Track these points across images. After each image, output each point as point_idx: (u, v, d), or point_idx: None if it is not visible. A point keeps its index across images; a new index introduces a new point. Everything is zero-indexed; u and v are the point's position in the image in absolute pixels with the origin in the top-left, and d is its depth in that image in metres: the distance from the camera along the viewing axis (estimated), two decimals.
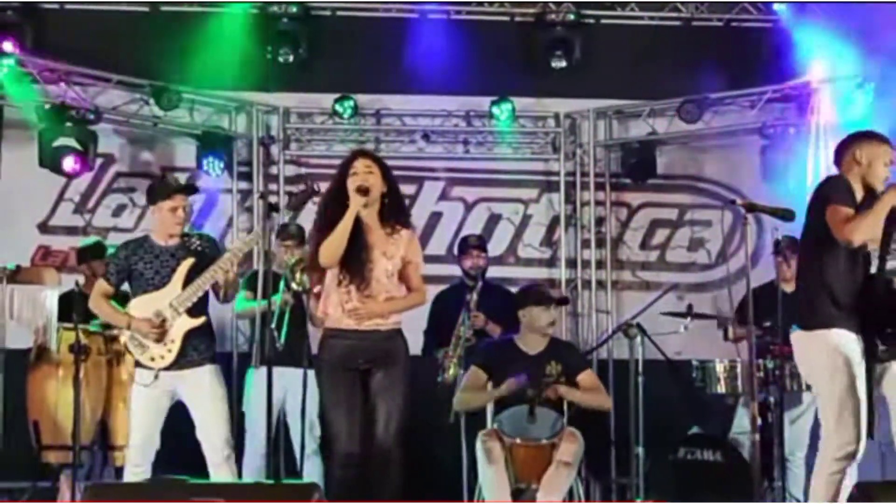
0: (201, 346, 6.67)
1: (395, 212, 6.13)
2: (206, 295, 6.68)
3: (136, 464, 6.58)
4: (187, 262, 6.66)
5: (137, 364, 6.68)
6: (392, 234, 6.09)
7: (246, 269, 8.39)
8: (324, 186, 6.39)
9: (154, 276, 6.68)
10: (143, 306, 6.65)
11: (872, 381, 6.71)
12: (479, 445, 7.24)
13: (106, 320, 7.02)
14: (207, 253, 6.75)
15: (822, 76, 9.83)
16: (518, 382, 7.31)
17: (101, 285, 6.81)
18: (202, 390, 6.58)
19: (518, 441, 7.17)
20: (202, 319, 6.66)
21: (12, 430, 7.61)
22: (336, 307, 6.02)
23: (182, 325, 6.58)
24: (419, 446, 7.86)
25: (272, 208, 6.04)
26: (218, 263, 6.57)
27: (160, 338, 6.55)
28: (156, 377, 6.58)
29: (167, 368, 6.59)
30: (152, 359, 6.60)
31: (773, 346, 7.71)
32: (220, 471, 6.47)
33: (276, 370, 6.85)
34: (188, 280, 6.61)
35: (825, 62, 9.93)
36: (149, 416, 6.62)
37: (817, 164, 9.46)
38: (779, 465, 7.86)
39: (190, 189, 7.04)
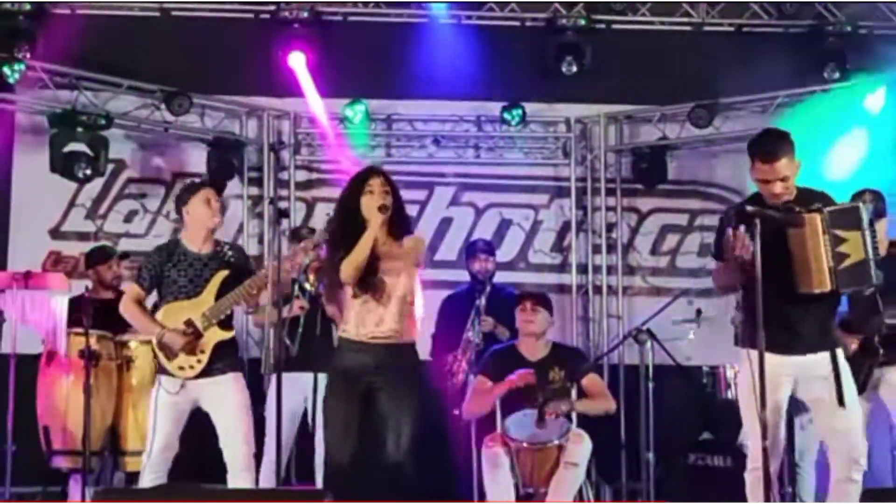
0: (227, 357, 6.58)
1: (402, 226, 6.15)
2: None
3: (154, 470, 6.51)
4: (221, 274, 6.57)
5: (162, 370, 6.57)
6: (397, 241, 6.10)
7: None
8: (332, 192, 6.39)
9: (187, 285, 6.58)
10: (173, 314, 6.56)
11: (868, 384, 6.72)
12: (484, 451, 7.27)
13: (138, 327, 6.87)
14: (239, 265, 6.69)
15: (834, 79, 9.82)
16: (520, 377, 7.33)
17: (134, 290, 6.69)
18: (225, 399, 6.50)
19: (525, 444, 7.17)
20: (232, 332, 6.60)
21: (23, 434, 7.64)
22: (351, 319, 6.02)
23: (212, 336, 6.50)
24: (429, 451, 7.89)
25: (282, 214, 6.03)
26: (255, 280, 6.49)
27: (192, 349, 6.48)
28: (182, 386, 6.50)
29: (193, 378, 6.52)
30: (181, 368, 6.50)
31: None
32: (239, 480, 6.37)
33: (294, 375, 6.86)
34: (221, 291, 6.53)
35: (837, 65, 9.94)
36: (170, 424, 6.54)
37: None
38: (789, 471, 7.82)
39: (217, 184, 6.99)
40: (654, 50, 10.48)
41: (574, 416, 7.45)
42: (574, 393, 7.51)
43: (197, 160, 10.28)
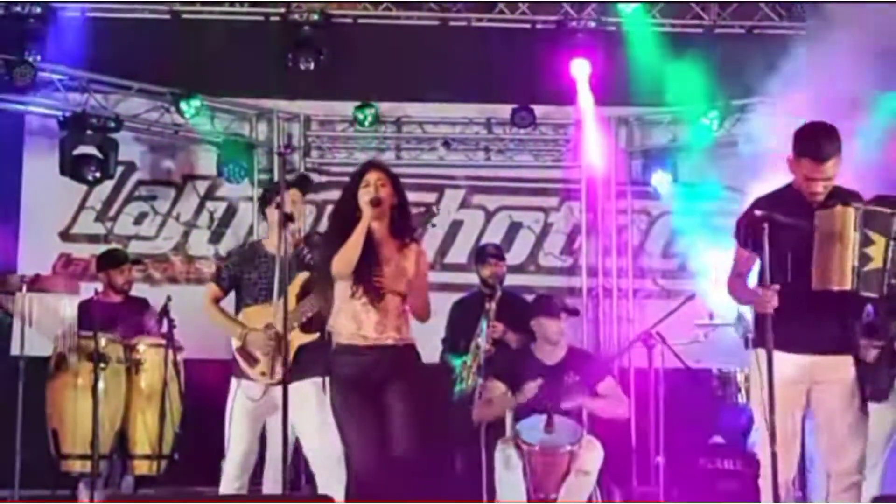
0: (311, 361, 6.28)
1: (404, 225, 6.01)
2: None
3: (237, 476, 6.40)
4: (302, 276, 6.37)
5: (241, 374, 6.41)
6: (403, 248, 5.97)
7: None
8: None
9: (267, 287, 6.38)
10: (254, 317, 6.40)
11: (892, 390, 6.59)
12: (497, 453, 7.22)
13: (219, 328, 6.65)
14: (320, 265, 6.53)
15: (843, 82, 9.75)
16: (534, 388, 7.29)
17: (213, 290, 6.55)
18: (307, 404, 6.24)
19: (537, 449, 7.14)
20: (316, 335, 6.36)
21: (32, 438, 7.63)
22: (348, 321, 5.94)
23: (294, 340, 6.28)
24: (438, 455, 7.88)
25: (288, 218, 5.97)
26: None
27: (274, 353, 6.28)
28: (264, 392, 6.33)
29: (276, 383, 6.25)
30: (262, 373, 6.35)
31: None
32: (330, 488, 6.11)
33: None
34: (302, 294, 6.35)
35: (845, 68, 9.86)
36: (251, 429, 6.41)
37: None
38: (799, 476, 7.78)
39: (303, 182, 6.87)
40: (664, 52, 10.43)
41: (585, 418, 7.41)
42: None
43: (207, 162, 10.30)
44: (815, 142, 5.44)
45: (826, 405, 5.55)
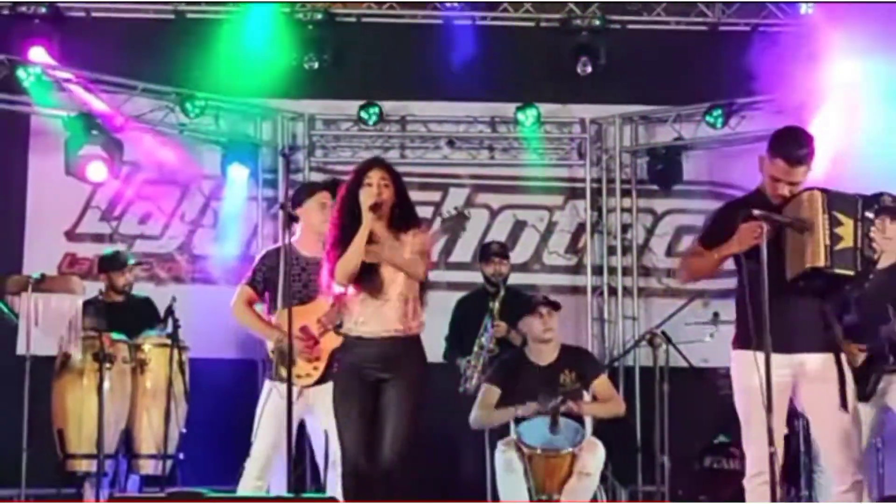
0: None
1: (404, 219, 5.94)
2: None
3: (258, 475, 6.38)
4: None
5: (277, 377, 6.33)
6: (399, 238, 5.89)
7: None
8: None
9: (301, 290, 6.38)
10: (287, 320, 6.24)
11: (876, 391, 6.59)
12: (498, 455, 7.22)
13: (253, 331, 6.66)
14: None
15: (848, 80, 9.74)
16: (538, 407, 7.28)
17: (247, 292, 6.55)
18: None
19: (539, 451, 7.12)
20: None
21: (38, 437, 7.63)
22: (353, 315, 5.88)
23: (329, 342, 6.29)
24: (442, 455, 7.88)
25: (292, 219, 5.96)
26: None
27: (309, 356, 6.32)
28: (299, 394, 6.28)
29: (310, 385, 6.35)
30: (298, 376, 6.28)
31: None
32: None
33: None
34: None
35: (851, 65, 9.85)
36: (278, 430, 6.26)
37: None
38: (805, 475, 7.78)
39: (333, 186, 6.87)
40: (669, 50, 10.44)
41: (588, 421, 7.40)
42: (586, 395, 7.47)
43: (212, 162, 10.29)
44: (791, 145, 5.53)
45: (816, 404, 5.56)
